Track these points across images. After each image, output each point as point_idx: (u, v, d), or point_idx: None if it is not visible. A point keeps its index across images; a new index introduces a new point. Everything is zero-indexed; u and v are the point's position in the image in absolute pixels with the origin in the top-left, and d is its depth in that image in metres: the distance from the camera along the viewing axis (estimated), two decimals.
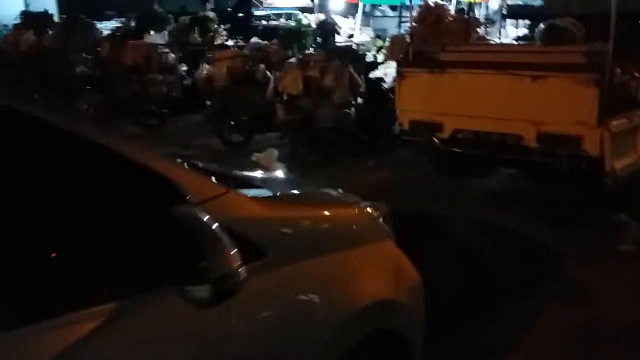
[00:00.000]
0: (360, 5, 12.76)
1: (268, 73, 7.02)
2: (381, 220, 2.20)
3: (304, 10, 14.33)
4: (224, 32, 11.58)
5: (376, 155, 6.79)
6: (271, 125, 6.91)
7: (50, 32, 9.65)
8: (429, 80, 5.21)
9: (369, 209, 2.17)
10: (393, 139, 6.44)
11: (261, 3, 14.39)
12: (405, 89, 5.41)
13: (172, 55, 7.96)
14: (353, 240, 1.99)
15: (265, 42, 9.56)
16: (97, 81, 8.41)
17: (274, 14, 14.33)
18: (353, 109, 6.70)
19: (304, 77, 6.27)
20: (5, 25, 11.07)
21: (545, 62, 4.65)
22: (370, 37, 11.51)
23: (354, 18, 13.06)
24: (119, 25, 10.87)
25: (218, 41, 11.15)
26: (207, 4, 14.48)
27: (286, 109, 6.47)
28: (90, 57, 8.85)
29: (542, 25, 5.01)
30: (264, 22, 14.14)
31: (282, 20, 14.11)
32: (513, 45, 5.53)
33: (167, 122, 8.23)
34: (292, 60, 6.66)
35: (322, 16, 13.50)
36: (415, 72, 5.32)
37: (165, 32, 9.90)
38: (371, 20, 15.53)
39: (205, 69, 7.52)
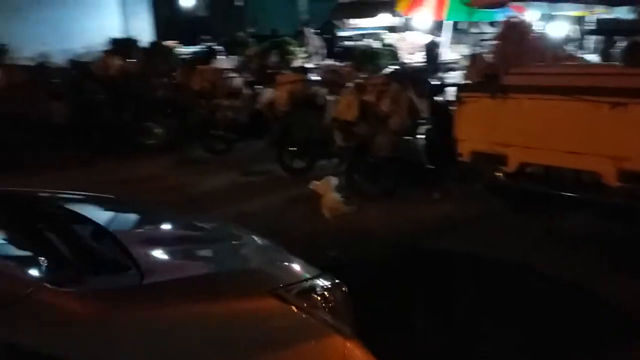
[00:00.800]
0: (449, 23, 12.13)
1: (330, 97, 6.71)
2: (329, 306, 1.71)
3: (390, 29, 13.93)
4: (303, 55, 11.51)
5: (442, 186, 6.21)
6: (331, 152, 6.57)
7: (135, 57, 10.02)
8: (491, 107, 4.62)
9: (319, 291, 1.70)
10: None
11: (344, 24, 14.18)
12: (466, 116, 4.84)
13: (239, 80, 7.90)
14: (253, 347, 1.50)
15: (340, 63, 9.31)
16: (172, 106, 8.58)
17: (359, 35, 14.05)
18: (418, 136, 6.19)
19: (360, 102, 5.87)
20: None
21: (628, 86, 3.90)
22: (462, 56, 10.86)
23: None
24: (196, 50, 11.10)
25: (296, 64, 11.08)
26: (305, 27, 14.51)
27: (343, 135, 6.10)
28: (168, 81, 9.08)
29: (624, 43, 4.24)
30: (348, 43, 13.94)
31: (369, 40, 13.82)
32: (588, 66, 4.77)
33: (234, 148, 8.16)
34: (350, 84, 6.28)
35: (409, 34, 13.04)
36: (475, 97, 4.74)
37: (236, 56, 9.95)
38: (465, 38, 14.78)
39: (268, 93, 7.36)
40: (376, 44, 12.99)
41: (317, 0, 20.17)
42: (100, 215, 2.21)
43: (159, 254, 1.62)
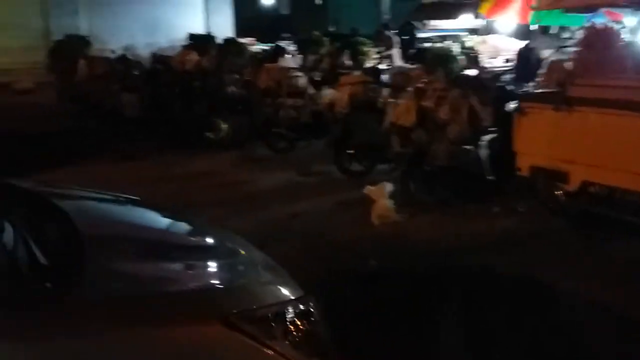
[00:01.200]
0: (536, 27, 11.50)
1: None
2: (294, 336, 1.56)
3: (472, 32, 13.44)
4: (376, 56, 11.33)
5: (503, 200, 5.86)
6: (388, 158, 6.40)
7: (210, 53, 10.27)
8: (554, 119, 4.28)
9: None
10: None
11: (425, 26, 13.80)
12: (526, 128, 4.53)
13: (304, 79, 7.87)
14: None
15: (410, 66, 9.08)
16: (241, 102, 8.72)
17: (438, 36, 13.65)
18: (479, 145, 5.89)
19: (418, 108, 5.65)
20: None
21: None
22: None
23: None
24: (266, 48, 11.19)
25: (368, 65, 10.93)
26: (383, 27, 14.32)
27: (399, 141, 5.91)
28: (238, 78, 9.24)
29: None
30: (427, 44, 13.59)
31: (449, 43, 13.39)
32: None
33: (296, 147, 8.15)
34: (410, 88, 6.07)
35: (491, 38, 12.50)
36: (538, 108, 4.41)
37: (311, 55, 9.92)
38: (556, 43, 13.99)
39: (329, 93, 7.28)
40: (455, 47, 12.57)
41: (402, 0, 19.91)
42: (106, 217, 2.19)
43: (119, 265, 1.55)
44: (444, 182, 5.77)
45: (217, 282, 1.69)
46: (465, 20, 13.07)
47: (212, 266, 1.80)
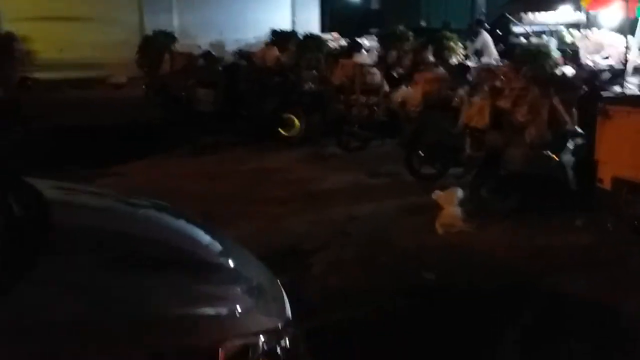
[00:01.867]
0: None
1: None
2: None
3: (572, 26, 12.44)
4: (462, 52, 10.77)
5: (589, 211, 5.28)
6: (461, 161, 6.00)
7: (290, 49, 10.23)
8: None
9: None
10: None
11: (521, 20, 12.92)
12: (609, 133, 4.02)
13: (378, 76, 7.58)
14: None
15: (497, 63, 8.53)
16: (315, 99, 8.60)
17: (535, 31, 12.76)
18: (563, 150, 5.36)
19: (492, 108, 5.21)
20: None
21: None
22: None
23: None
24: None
25: (454, 61, 10.42)
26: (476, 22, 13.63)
27: (472, 143, 5.50)
28: (316, 74, 9.12)
29: None
30: (523, 40, 12.75)
31: (545, 38, 12.48)
32: None
33: (369, 146, 7.91)
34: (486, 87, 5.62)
35: (594, 33, 11.50)
36: (624, 112, 3.88)
37: (374, 52, 9.57)
38: None
39: (403, 91, 6.97)
40: (552, 42, 11.71)
41: None
42: (98, 219, 2.06)
43: (75, 275, 1.42)
44: (519, 189, 5.30)
45: (179, 308, 1.47)
46: (565, 13, 12.08)
47: (188, 290, 1.59)
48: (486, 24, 13.47)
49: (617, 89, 7.26)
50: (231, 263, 2.07)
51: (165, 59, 8.86)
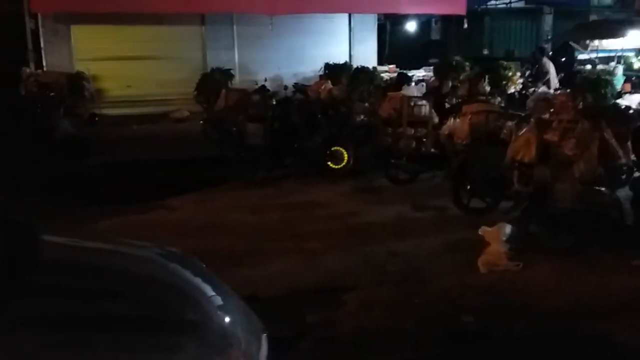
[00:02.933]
0: None
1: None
2: None
3: None
4: (520, 81, 10.48)
5: None
6: (508, 195, 5.74)
7: (343, 81, 10.31)
8: None
9: None
10: None
11: (587, 47, 12.44)
12: None
13: (427, 108, 7.44)
14: None
15: (554, 92, 8.22)
16: (365, 131, 8.58)
17: (600, 57, 12.23)
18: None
19: (540, 141, 4.97)
20: None
21: None
22: None
23: None
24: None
25: (511, 90, 10.16)
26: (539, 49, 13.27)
27: (519, 177, 5.26)
28: (366, 107, 9.13)
29: None
30: (588, 67, 12.24)
31: (613, 64, 11.93)
32: None
33: (418, 179, 7.74)
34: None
35: None
36: None
37: (422, 84, 9.45)
38: None
39: (450, 123, 6.80)
40: (619, 69, 11.21)
41: (564, 18, 18.33)
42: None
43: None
44: (570, 226, 4.99)
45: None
46: (633, 38, 11.52)
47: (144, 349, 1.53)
48: (549, 52, 13.06)
49: None
50: (219, 322, 2.01)
51: (221, 95, 9.11)
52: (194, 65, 13.50)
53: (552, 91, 8.62)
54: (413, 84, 8.96)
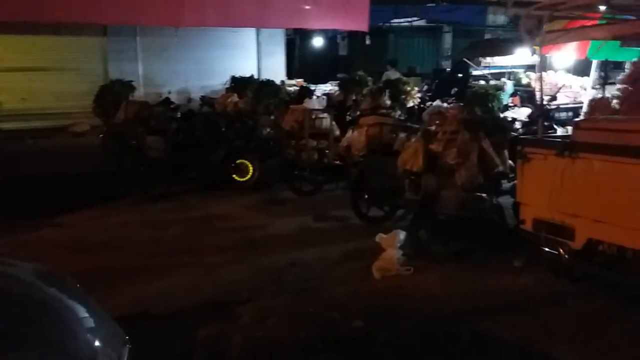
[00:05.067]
0: (594, 62, 10.73)
1: None
2: None
3: (529, 68, 12.76)
4: (418, 95, 10.98)
5: (529, 253, 5.26)
6: (401, 204, 5.99)
7: (248, 95, 10.33)
8: (558, 167, 3.76)
9: None
10: None
11: (479, 63, 13.24)
12: (529, 176, 4.02)
13: (328, 120, 7.64)
14: None
15: (447, 105, 8.68)
16: (271, 144, 8.63)
17: (492, 73, 13.05)
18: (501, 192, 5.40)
19: (426, 152, 5.23)
20: None
21: None
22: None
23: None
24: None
25: (410, 104, 10.59)
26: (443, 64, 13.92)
27: (409, 186, 5.50)
28: (271, 120, 9.19)
29: None
30: (482, 82, 13.03)
31: (503, 80, 12.78)
32: None
33: (322, 189, 7.89)
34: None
35: (550, 75, 11.80)
36: (541, 154, 3.91)
37: (323, 97, 9.73)
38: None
39: (348, 135, 7.01)
40: (509, 84, 12.02)
41: (462, 36, 19.41)
42: None
43: None
44: (457, 232, 5.28)
45: None
46: (522, 56, 12.41)
47: None
48: (447, 69, 13.80)
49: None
50: (81, 338, 1.97)
51: (121, 108, 8.84)
52: (94, 77, 12.95)
53: (442, 105, 9.08)
54: (315, 97, 9.12)
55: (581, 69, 11.63)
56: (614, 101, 7.01)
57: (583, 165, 3.56)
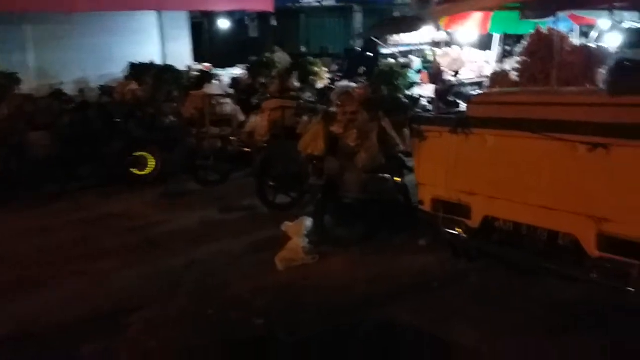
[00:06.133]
0: (497, 36, 10.94)
1: None
2: None
3: (435, 45, 12.88)
4: (328, 76, 10.79)
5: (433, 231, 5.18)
6: (306, 189, 5.77)
7: (148, 82, 9.72)
8: (453, 145, 3.63)
9: None
10: None
11: (387, 41, 13.21)
12: (425, 155, 3.88)
13: (230, 106, 7.26)
14: None
15: (354, 84, 8.51)
16: (171, 134, 8.12)
17: (401, 52, 13.08)
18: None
19: (326, 134, 5.02)
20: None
21: (610, 121, 2.82)
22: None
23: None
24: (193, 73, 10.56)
25: (319, 85, 10.37)
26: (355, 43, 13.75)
27: (313, 171, 5.28)
28: (173, 108, 8.67)
29: (610, 62, 3.10)
30: (392, 60, 13.02)
31: (411, 57, 12.83)
32: (564, 93, 3.61)
33: (229, 179, 7.52)
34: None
35: (454, 51, 11.93)
36: (436, 132, 3.77)
37: (222, 81, 9.35)
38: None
39: (251, 120, 6.69)
40: (416, 61, 12.08)
41: (372, 15, 19.40)
42: None
43: None
44: (362, 215, 5.11)
45: None
46: (428, 33, 12.48)
47: None
48: (358, 48, 13.68)
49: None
50: None
51: (2, 102, 8.02)
52: None
53: (350, 84, 8.92)
54: (217, 82, 8.68)
55: (485, 44, 11.84)
56: (514, 74, 7.11)
57: (476, 141, 3.45)
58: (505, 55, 9.52)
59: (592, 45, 6.55)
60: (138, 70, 10.31)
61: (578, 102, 3.11)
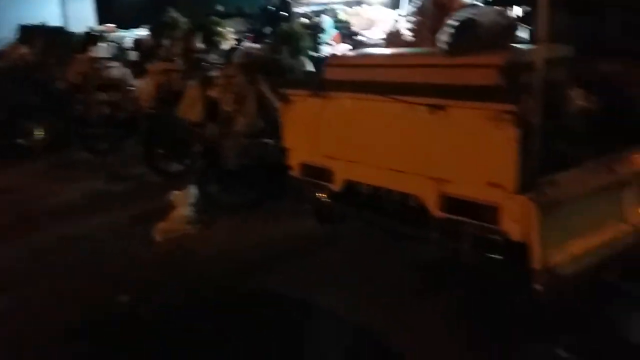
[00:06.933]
0: None
1: None
2: None
3: (347, 3, 12.71)
4: (232, 36, 10.44)
5: None
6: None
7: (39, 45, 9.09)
8: (315, 108, 3.55)
9: None
10: None
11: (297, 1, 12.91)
12: (292, 119, 3.79)
13: (118, 70, 6.89)
14: None
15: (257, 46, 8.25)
16: (61, 100, 7.66)
17: (314, 11, 12.84)
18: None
19: (204, 99, 4.83)
20: None
21: (447, 82, 2.81)
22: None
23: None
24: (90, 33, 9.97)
25: (225, 46, 10.02)
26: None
27: (195, 137, 5.10)
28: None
29: (450, 22, 3.08)
30: (305, 20, 12.76)
31: (324, 17, 12.62)
32: (410, 54, 3.62)
33: (121, 147, 7.19)
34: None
35: (366, 10, 11.80)
36: (300, 95, 3.68)
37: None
38: None
39: (139, 85, 6.38)
40: (328, 20, 11.87)
41: None
42: None
43: None
44: (244, 181, 5.01)
45: None
46: None
47: None
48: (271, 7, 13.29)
49: None
50: None
51: None
52: None
53: (252, 45, 8.66)
54: (106, 44, 8.19)
55: (396, 2, 11.79)
56: (409, 34, 7.07)
57: (335, 104, 3.38)
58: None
59: (479, 3, 6.57)
60: (29, 33, 9.60)
61: (419, 64, 3.08)
